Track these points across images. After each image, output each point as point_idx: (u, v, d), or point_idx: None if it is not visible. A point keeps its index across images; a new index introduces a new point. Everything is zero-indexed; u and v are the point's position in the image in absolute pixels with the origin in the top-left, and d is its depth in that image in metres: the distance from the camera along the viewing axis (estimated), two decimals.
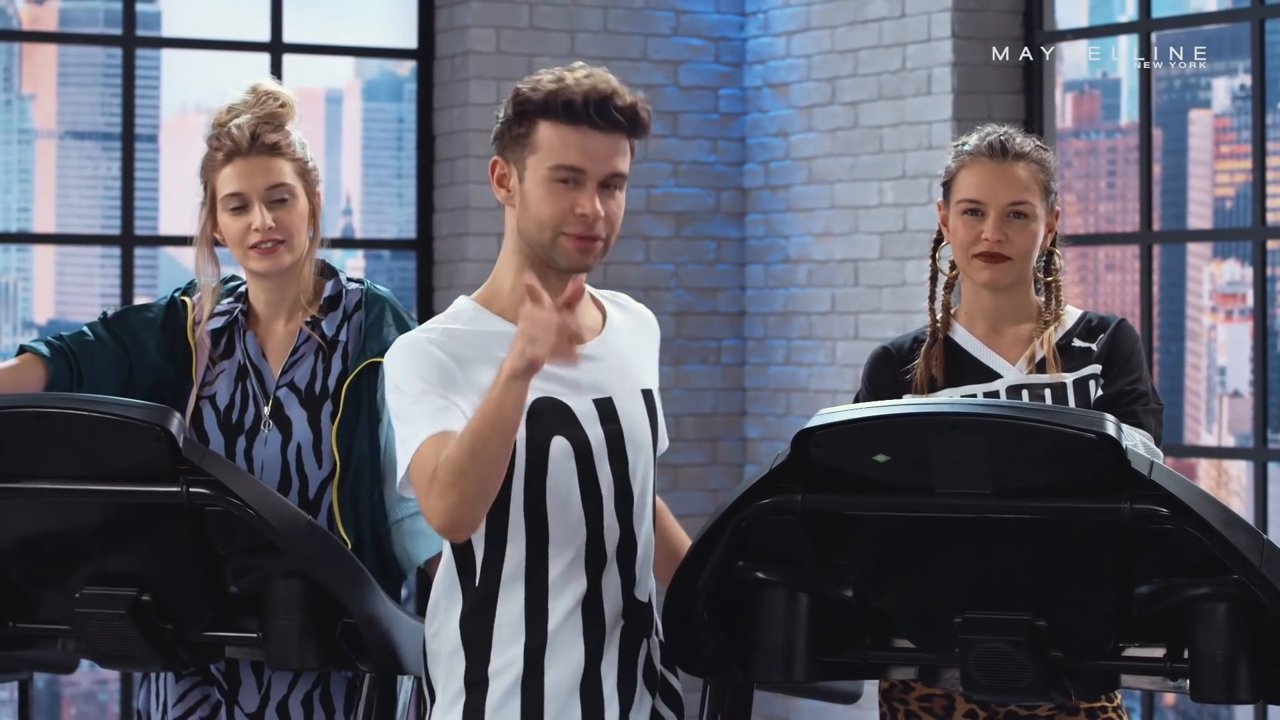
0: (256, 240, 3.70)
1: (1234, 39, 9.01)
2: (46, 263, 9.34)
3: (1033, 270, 3.70)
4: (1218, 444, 9.92)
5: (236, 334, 3.77)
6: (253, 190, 3.70)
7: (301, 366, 3.75)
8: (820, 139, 7.56)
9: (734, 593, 3.21)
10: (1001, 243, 3.63)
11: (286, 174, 3.73)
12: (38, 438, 3.35)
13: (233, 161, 3.71)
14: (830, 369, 7.52)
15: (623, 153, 3.25)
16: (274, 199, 3.71)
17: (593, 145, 3.22)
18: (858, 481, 3.06)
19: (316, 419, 3.72)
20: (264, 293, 3.78)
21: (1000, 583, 3.07)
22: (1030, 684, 3.08)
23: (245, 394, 3.74)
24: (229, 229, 3.73)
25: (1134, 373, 3.62)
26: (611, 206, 3.22)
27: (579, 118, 3.24)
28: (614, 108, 3.27)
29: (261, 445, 3.70)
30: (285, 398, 3.73)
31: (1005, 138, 3.67)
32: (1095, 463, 2.94)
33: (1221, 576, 3.00)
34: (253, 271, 3.75)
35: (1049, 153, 3.73)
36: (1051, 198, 3.69)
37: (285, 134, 3.75)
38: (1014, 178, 3.65)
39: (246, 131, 3.71)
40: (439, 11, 7.73)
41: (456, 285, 7.66)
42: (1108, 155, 10.42)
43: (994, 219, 3.63)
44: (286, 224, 3.71)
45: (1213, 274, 10.20)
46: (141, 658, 3.44)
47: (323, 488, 3.71)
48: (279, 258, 3.72)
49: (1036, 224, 3.65)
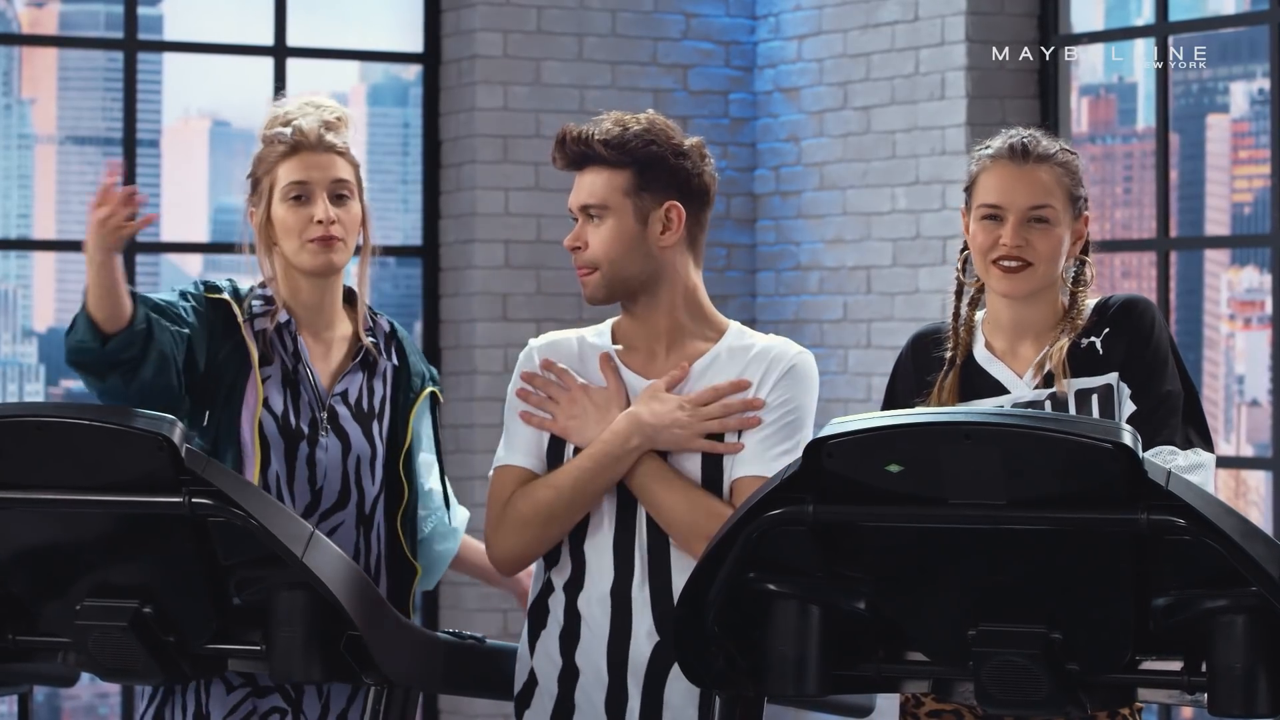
0: (318, 233, 3.71)
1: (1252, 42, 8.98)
2: (46, 270, 9.34)
3: (1060, 280, 3.63)
4: (1236, 453, 9.88)
5: (287, 338, 3.77)
6: (317, 182, 3.73)
7: (352, 380, 3.79)
8: (832, 144, 7.53)
9: (745, 605, 3.20)
10: (1021, 248, 3.57)
11: (350, 173, 3.78)
12: (39, 447, 3.34)
13: (298, 154, 3.74)
14: (842, 378, 7.49)
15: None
16: (336, 194, 3.75)
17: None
18: (870, 492, 3.04)
19: (370, 435, 3.77)
20: (303, 295, 3.78)
21: (1015, 594, 3.05)
22: (1046, 697, 3.05)
23: (298, 399, 3.75)
24: (286, 221, 3.73)
25: (1157, 373, 3.56)
26: (599, 233, 3.57)
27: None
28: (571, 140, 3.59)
29: (324, 452, 3.73)
30: (339, 409, 3.77)
31: (1028, 140, 3.61)
32: (1111, 473, 2.92)
33: (1240, 588, 2.97)
34: (303, 269, 3.75)
35: (1075, 156, 3.65)
36: (1079, 204, 3.63)
37: (345, 140, 3.80)
38: (1034, 181, 3.58)
39: (313, 128, 3.74)
40: (445, 15, 7.71)
41: (463, 292, 7.64)
42: (1124, 160, 10.40)
43: (1013, 223, 3.57)
44: (346, 221, 3.75)
45: (1231, 281, 10.18)
46: (143, 670, 3.43)
47: (375, 503, 3.77)
48: (334, 254, 3.73)
49: (1060, 229, 3.58)
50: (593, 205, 3.56)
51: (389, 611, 3.41)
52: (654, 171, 3.56)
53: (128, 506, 3.32)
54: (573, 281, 7.76)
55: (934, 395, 3.63)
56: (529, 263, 7.65)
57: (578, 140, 3.56)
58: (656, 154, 3.56)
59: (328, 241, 3.72)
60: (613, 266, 3.56)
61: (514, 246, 7.65)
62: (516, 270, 7.65)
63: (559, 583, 3.60)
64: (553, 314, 7.58)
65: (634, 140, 3.55)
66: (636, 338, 3.64)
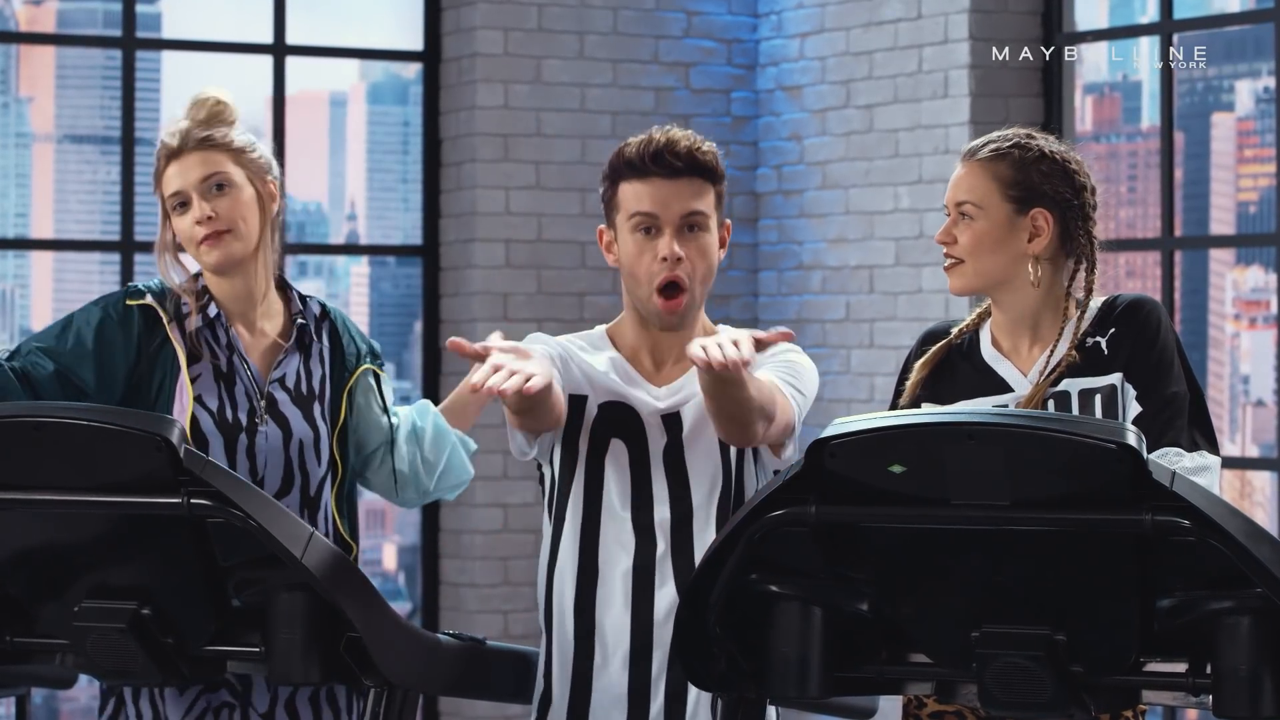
0: (201, 234, 3.73)
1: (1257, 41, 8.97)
2: (44, 269, 9.34)
3: (1028, 277, 3.62)
4: (1241, 454, 9.86)
5: (219, 331, 3.79)
6: (189, 185, 3.75)
7: (289, 365, 3.81)
8: (834, 143, 7.52)
9: (747, 606, 3.19)
10: (950, 244, 3.64)
11: (222, 164, 3.77)
12: (36, 448, 3.33)
13: (173, 162, 3.77)
14: (844, 378, 7.48)
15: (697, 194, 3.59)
16: (210, 187, 3.75)
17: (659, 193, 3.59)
18: (873, 492, 3.03)
19: (311, 417, 3.78)
20: (224, 291, 3.80)
21: (1018, 596, 3.04)
22: (1050, 700, 3.04)
23: (233, 392, 3.76)
24: (180, 231, 3.78)
25: (1163, 374, 3.56)
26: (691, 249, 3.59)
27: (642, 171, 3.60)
28: (670, 154, 3.58)
29: (264, 441, 3.74)
30: (279, 396, 3.78)
31: (986, 140, 3.66)
32: (1116, 473, 2.91)
33: (1245, 590, 2.96)
34: (208, 267, 3.78)
35: (1030, 152, 3.63)
36: (1030, 199, 3.60)
37: (222, 130, 3.78)
38: (964, 178, 3.64)
39: (179, 133, 3.77)
40: (445, 13, 7.69)
41: (463, 291, 7.64)
42: (1128, 159, 10.39)
43: (948, 220, 3.65)
44: (227, 212, 3.75)
45: (1236, 281, 10.16)
46: (141, 672, 3.42)
47: (321, 484, 3.78)
48: (227, 247, 3.75)
49: (982, 224, 3.60)
50: (699, 213, 3.57)
51: (389, 613, 3.40)
52: (724, 191, 3.64)
53: (126, 507, 3.31)
54: (573, 280, 7.83)
55: (911, 380, 3.66)
56: (530, 262, 7.64)
57: (694, 151, 3.57)
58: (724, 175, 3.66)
59: (214, 238, 3.74)
60: (705, 282, 3.61)
61: (514, 246, 7.63)
62: (517, 270, 7.64)
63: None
64: (553, 314, 7.57)
65: (712, 155, 3.61)
66: (643, 348, 3.67)
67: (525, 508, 7.58)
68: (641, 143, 3.58)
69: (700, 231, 3.57)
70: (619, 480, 3.59)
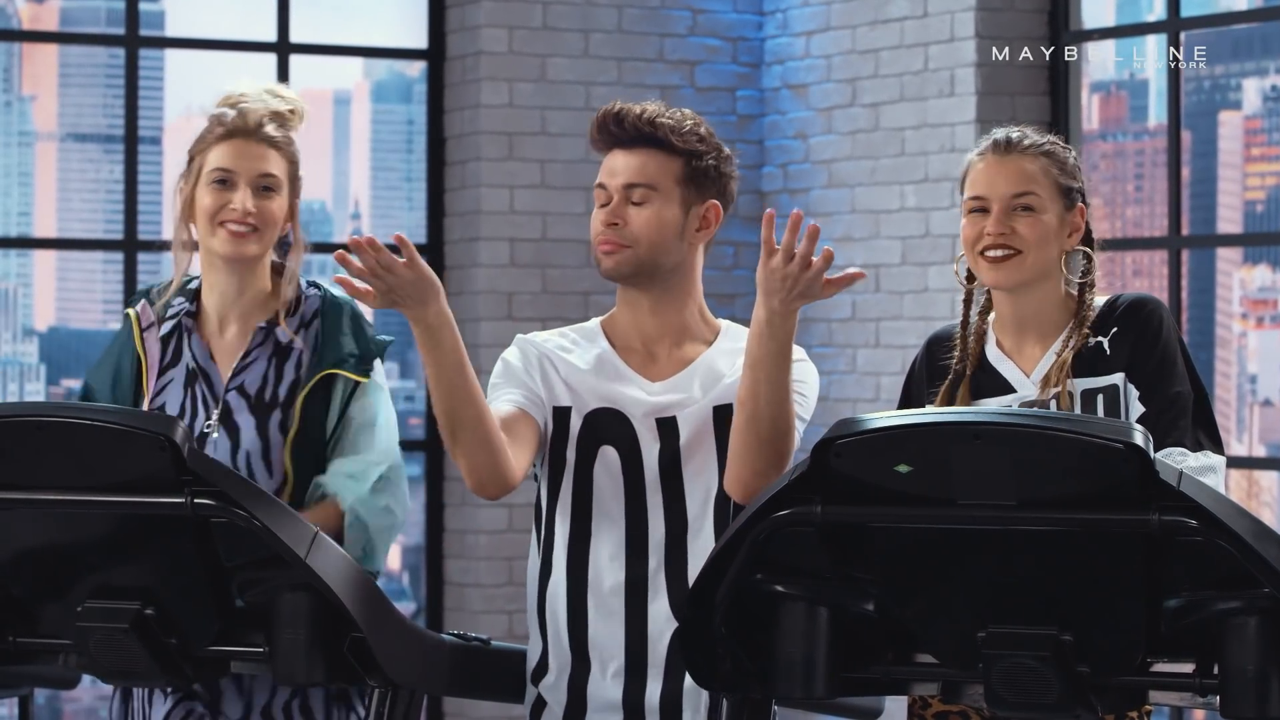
0: (233, 219, 3.71)
1: (1265, 39, 8.94)
2: (47, 268, 9.33)
3: (1059, 273, 3.62)
4: (1248, 454, 9.83)
5: (184, 336, 3.77)
6: (243, 171, 3.73)
7: (253, 371, 3.76)
8: (840, 141, 7.51)
9: (752, 606, 3.18)
10: (1006, 235, 3.58)
11: (279, 167, 3.76)
12: (39, 447, 3.33)
13: (231, 140, 3.74)
14: (850, 377, 7.47)
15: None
16: (262, 185, 3.73)
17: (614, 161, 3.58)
18: (879, 492, 3.02)
19: (265, 427, 3.73)
20: (220, 284, 3.78)
21: (1025, 596, 3.03)
22: (1056, 700, 3.03)
23: (195, 399, 3.74)
24: (204, 203, 3.74)
25: (1166, 374, 3.55)
26: (631, 214, 3.54)
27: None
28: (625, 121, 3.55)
29: (211, 450, 3.70)
30: (234, 402, 3.74)
31: (1013, 133, 3.65)
32: (1123, 473, 2.90)
33: (1252, 590, 2.95)
34: (213, 252, 3.75)
35: (1065, 149, 3.66)
36: (1072, 195, 3.62)
37: (287, 134, 3.79)
38: (1017, 170, 3.60)
39: (254, 116, 3.74)
40: (450, 11, 7.69)
41: (468, 290, 7.63)
42: (1135, 158, 10.36)
43: (997, 212, 3.59)
44: (267, 213, 3.73)
45: (1243, 280, 10.13)
46: (145, 673, 3.42)
47: (275, 494, 3.69)
48: (247, 244, 3.73)
49: (1046, 217, 3.58)
50: (641, 185, 3.56)
51: (393, 613, 3.39)
52: (704, 167, 3.59)
53: (129, 507, 3.31)
54: (578, 280, 7.81)
55: (939, 402, 3.64)
56: (534, 261, 7.63)
57: (640, 119, 3.55)
58: (708, 151, 3.59)
59: (242, 233, 3.72)
60: (651, 249, 3.57)
61: (519, 244, 7.62)
62: (522, 268, 7.63)
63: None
64: (558, 313, 7.55)
65: (692, 133, 3.57)
66: (635, 336, 3.63)
67: (529, 508, 7.55)
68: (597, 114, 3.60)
69: (644, 205, 3.56)
70: (611, 492, 3.57)
